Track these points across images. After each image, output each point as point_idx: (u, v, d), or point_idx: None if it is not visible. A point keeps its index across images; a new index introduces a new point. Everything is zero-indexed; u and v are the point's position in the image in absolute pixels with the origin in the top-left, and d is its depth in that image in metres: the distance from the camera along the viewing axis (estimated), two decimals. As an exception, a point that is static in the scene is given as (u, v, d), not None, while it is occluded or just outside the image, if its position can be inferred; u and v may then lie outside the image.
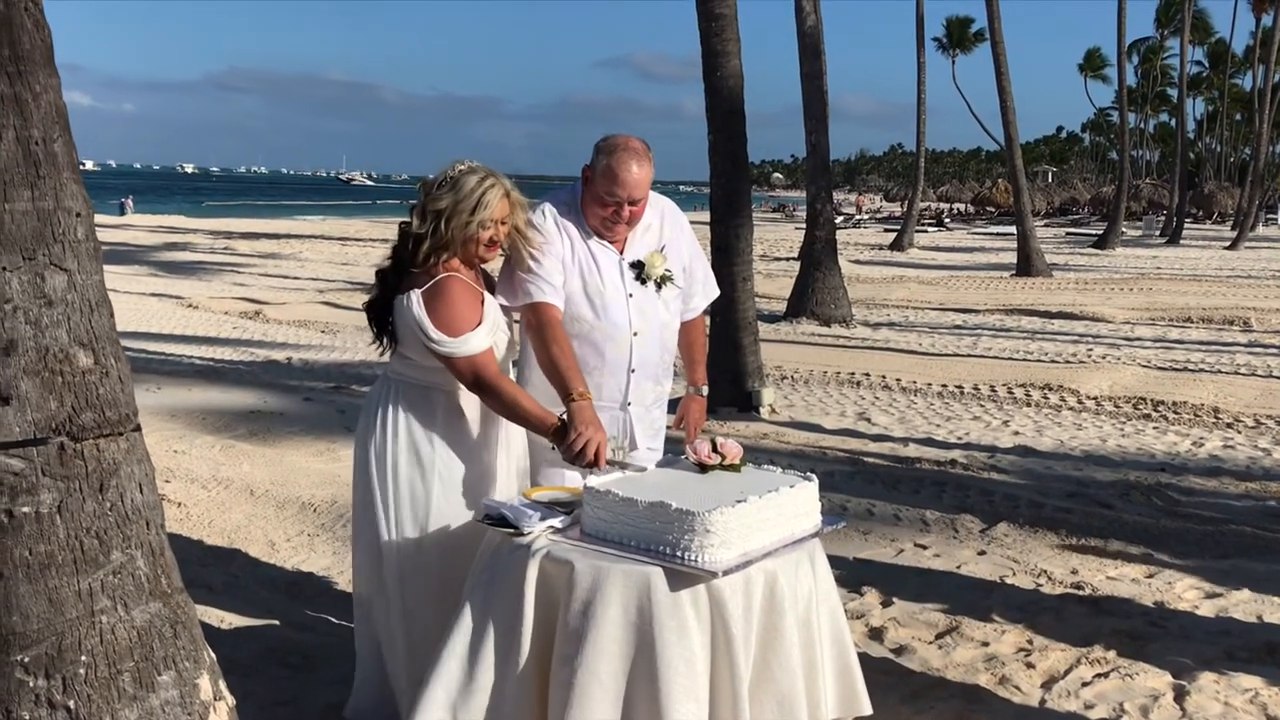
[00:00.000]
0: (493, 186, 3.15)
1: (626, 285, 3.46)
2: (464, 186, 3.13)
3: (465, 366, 3.11)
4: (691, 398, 3.84)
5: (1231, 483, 7.10)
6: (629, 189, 3.32)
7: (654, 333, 3.53)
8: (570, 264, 3.40)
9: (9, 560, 2.44)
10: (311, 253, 30.13)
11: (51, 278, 2.46)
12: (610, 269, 3.45)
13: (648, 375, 3.55)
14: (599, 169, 3.35)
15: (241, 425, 8.35)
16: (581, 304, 3.42)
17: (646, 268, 3.48)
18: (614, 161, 3.31)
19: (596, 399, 3.44)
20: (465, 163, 3.20)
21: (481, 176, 3.16)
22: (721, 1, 9.16)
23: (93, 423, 2.50)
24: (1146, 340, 13.90)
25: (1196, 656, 4.15)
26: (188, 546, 5.35)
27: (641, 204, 3.40)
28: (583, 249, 3.43)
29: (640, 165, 3.33)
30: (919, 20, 31.56)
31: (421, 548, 3.22)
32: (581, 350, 3.42)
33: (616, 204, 3.35)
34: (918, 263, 28.08)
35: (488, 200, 3.14)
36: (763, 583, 2.77)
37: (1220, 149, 72.28)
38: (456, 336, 3.09)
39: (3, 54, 2.39)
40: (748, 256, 9.42)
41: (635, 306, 3.47)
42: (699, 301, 3.77)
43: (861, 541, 5.67)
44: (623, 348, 3.47)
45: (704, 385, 3.87)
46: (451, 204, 3.13)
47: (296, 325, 15.10)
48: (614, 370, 3.48)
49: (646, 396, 3.59)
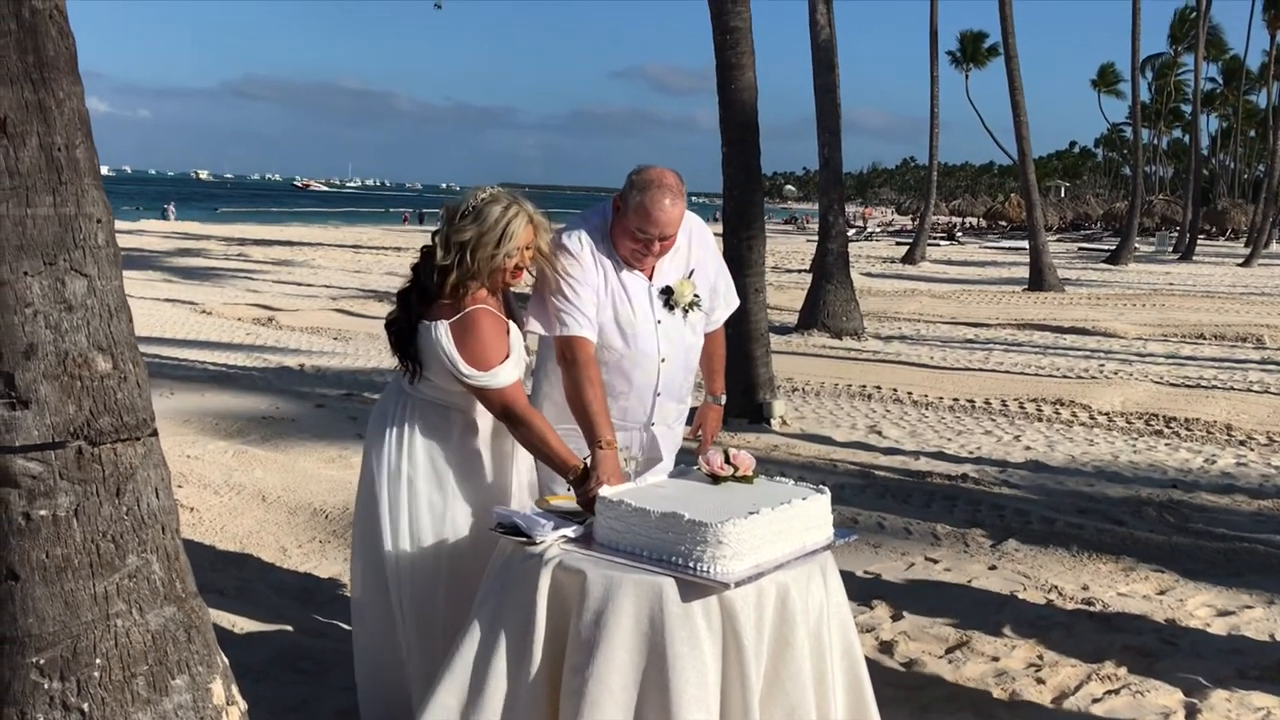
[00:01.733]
0: (517, 215, 3.13)
1: (655, 313, 3.46)
2: (488, 217, 3.11)
3: (496, 398, 3.13)
4: (710, 407, 3.87)
5: (1244, 500, 7.06)
6: (661, 227, 3.31)
7: (680, 357, 3.55)
8: (604, 295, 3.39)
9: (26, 563, 2.46)
10: (325, 260, 30.24)
11: (72, 283, 2.48)
12: (640, 298, 3.44)
13: (672, 396, 3.59)
14: (632, 205, 3.32)
15: (254, 431, 8.38)
16: (613, 334, 3.41)
17: (675, 295, 3.48)
18: (647, 200, 3.28)
19: (621, 420, 3.46)
20: (488, 190, 3.18)
21: (505, 205, 3.13)
22: (737, 15, 9.18)
23: (110, 427, 2.52)
24: (1159, 356, 13.85)
25: (1208, 674, 4.14)
26: (200, 551, 5.37)
27: (673, 239, 3.40)
28: (615, 280, 3.41)
29: (674, 203, 3.31)
30: (933, 34, 31.59)
31: (434, 561, 3.22)
32: (610, 377, 3.43)
33: (648, 240, 3.34)
34: (930, 276, 28.05)
35: (513, 231, 3.12)
36: (774, 595, 2.77)
37: (1234, 165, 72.11)
38: (487, 370, 3.09)
39: (28, 61, 2.42)
40: (760, 268, 9.43)
41: (663, 333, 3.48)
42: (720, 314, 3.77)
43: (872, 555, 5.66)
44: (650, 374, 3.48)
45: (722, 395, 3.90)
46: (476, 235, 3.10)
47: (309, 332, 15.15)
48: (640, 394, 3.51)
49: (669, 415, 3.63)
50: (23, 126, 2.42)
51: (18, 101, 2.41)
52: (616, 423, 3.43)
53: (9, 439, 2.43)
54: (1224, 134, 73.84)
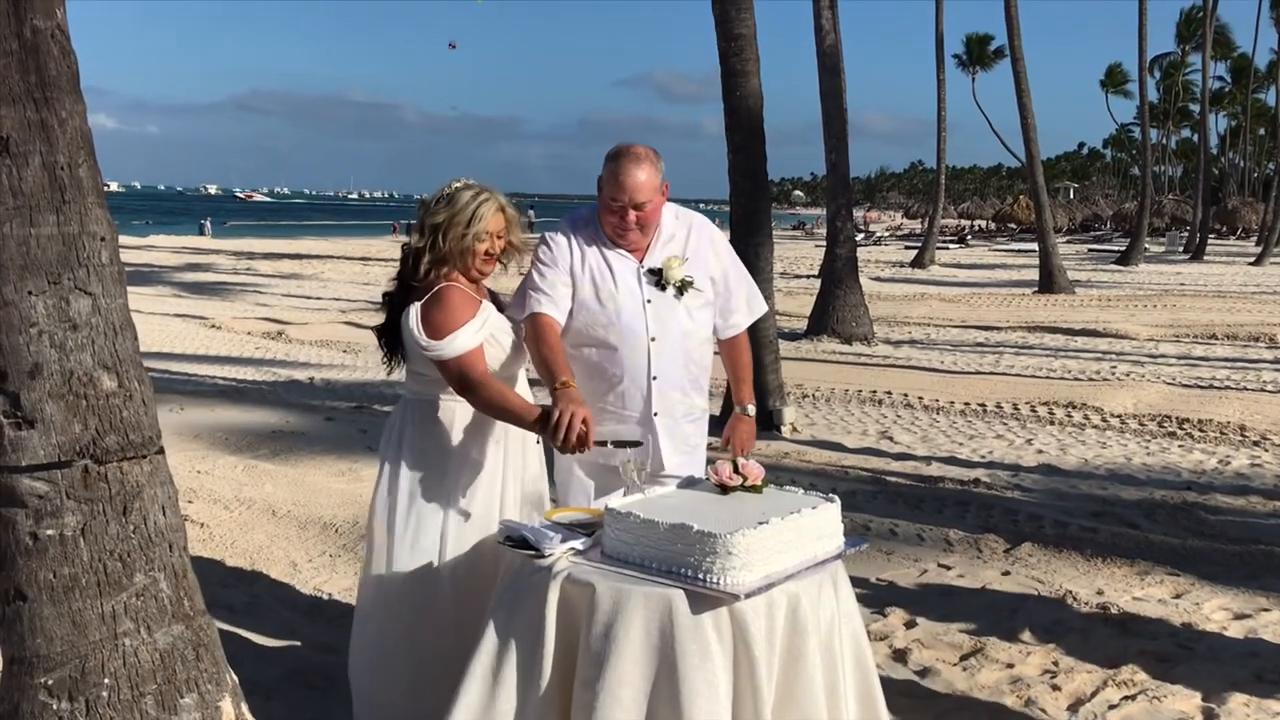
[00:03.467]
0: (487, 200, 3.25)
1: (644, 292, 3.46)
2: (459, 201, 3.23)
3: (453, 367, 3.13)
4: (738, 418, 3.73)
5: (1259, 501, 7.02)
6: (630, 192, 3.36)
7: (675, 340, 3.50)
8: (580, 271, 3.44)
9: (33, 583, 2.46)
10: (333, 272, 30.32)
11: (76, 301, 2.48)
12: (626, 275, 3.46)
13: (672, 385, 3.51)
14: (604, 176, 3.42)
15: (264, 445, 8.38)
16: (596, 310, 3.43)
17: (664, 272, 3.47)
18: (616, 167, 3.38)
19: (620, 408, 3.46)
20: (461, 180, 3.30)
21: (476, 191, 3.25)
22: (741, 22, 9.18)
23: (116, 446, 2.52)
24: (1171, 357, 13.79)
25: (1226, 678, 4.10)
26: (210, 567, 5.37)
27: (649, 208, 3.41)
28: (595, 256, 3.46)
29: (641, 169, 3.36)
30: (938, 38, 31.56)
31: (431, 565, 3.22)
32: (601, 360, 3.44)
33: (621, 208, 3.39)
34: (939, 280, 28.00)
35: (482, 213, 3.23)
36: (785, 605, 2.74)
37: (1243, 164, 71.85)
38: (443, 338, 3.12)
39: (30, 81, 2.42)
40: (768, 274, 9.42)
41: (653, 312, 3.46)
42: (740, 318, 3.71)
43: (885, 562, 5.63)
44: (640, 354, 3.45)
45: (750, 404, 3.77)
46: (447, 218, 3.21)
47: (318, 345, 15.18)
48: (634, 378, 3.46)
49: (675, 408, 3.53)
50: (25, 146, 2.42)
51: (20, 121, 2.42)
52: (616, 413, 3.46)
53: (15, 459, 2.43)
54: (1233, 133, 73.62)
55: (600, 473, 3.49)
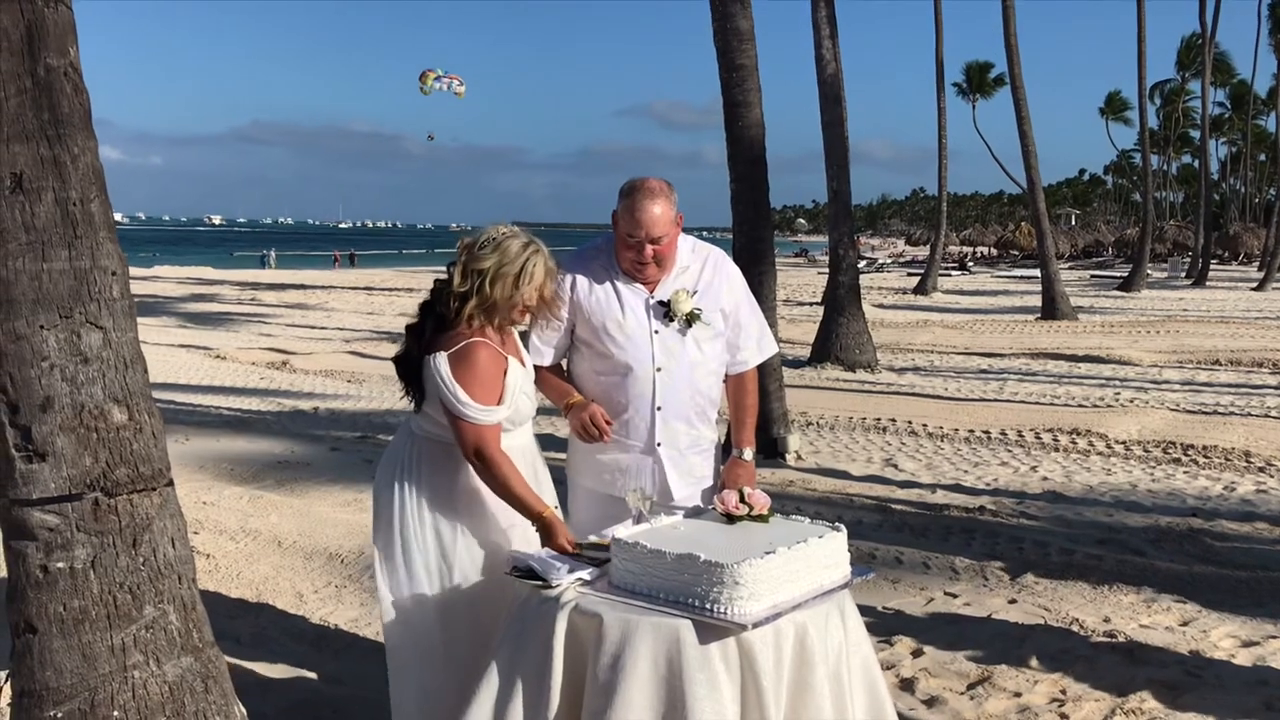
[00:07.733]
0: (535, 254, 3.19)
1: (652, 323, 3.49)
2: (509, 251, 3.16)
3: (472, 434, 3.10)
4: (735, 461, 3.66)
5: (1266, 528, 7.00)
6: (646, 227, 3.39)
7: (681, 371, 3.51)
8: (587, 301, 3.48)
9: (43, 616, 2.47)
10: (338, 302, 30.39)
11: (87, 335, 2.50)
12: (635, 305, 3.50)
13: (677, 415, 3.53)
14: (620, 211, 3.44)
15: (269, 476, 8.39)
16: (603, 337, 3.47)
17: (672, 304, 3.49)
18: (631, 202, 3.40)
19: (624, 436, 3.49)
20: (505, 226, 3.24)
21: (524, 243, 3.19)
22: (742, 53, 9.25)
23: (126, 478, 2.53)
24: (1174, 383, 13.78)
25: (1235, 707, 4.08)
26: (216, 599, 5.37)
27: (665, 242, 3.43)
28: (602, 287, 3.50)
29: (656, 203, 3.38)
30: (939, 66, 31.76)
31: (450, 602, 3.21)
32: (608, 388, 3.48)
33: (638, 243, 3.41)
34: (942, 307, 28.02)
35: (532, 270, 3.17)
36: (793, 635, 2.75)
37: (1244, 190, 71.98)
38: (481, 404, 3.10)
39: (43, 118, 2.45)
40: (771, 302, 9.44)
41: (660, 343, 3.49)
42: (749, 356, 3.71)
43: (890, 590, 5.62)
44: (645, 383, 3.48)
45: (748, 448, 3.70)
46: (496, 265, 3.14)
47: (323, 375, 15.20)
48: (639, 407, 3.49)
49: (679, 439, 3.54)
50: (39, 182, 2.45)
51: (34, 158, 2.45)
52: (620, 441, 3.49)
53: (26, 492, 2.44)
54: (1234, 159, 73.84)
55: (609, 503, 3.50)
